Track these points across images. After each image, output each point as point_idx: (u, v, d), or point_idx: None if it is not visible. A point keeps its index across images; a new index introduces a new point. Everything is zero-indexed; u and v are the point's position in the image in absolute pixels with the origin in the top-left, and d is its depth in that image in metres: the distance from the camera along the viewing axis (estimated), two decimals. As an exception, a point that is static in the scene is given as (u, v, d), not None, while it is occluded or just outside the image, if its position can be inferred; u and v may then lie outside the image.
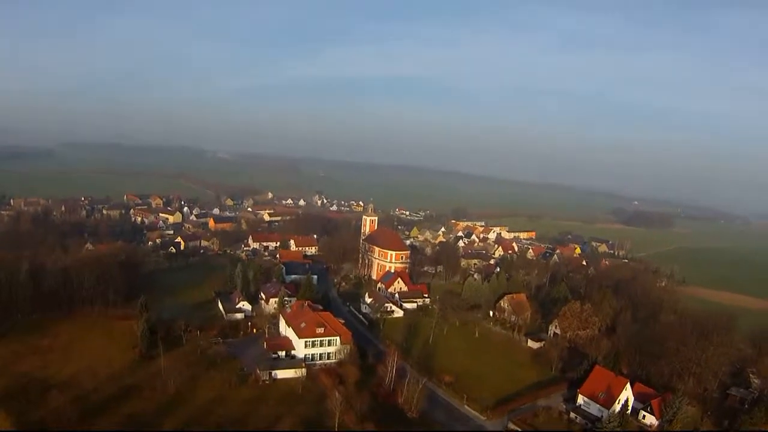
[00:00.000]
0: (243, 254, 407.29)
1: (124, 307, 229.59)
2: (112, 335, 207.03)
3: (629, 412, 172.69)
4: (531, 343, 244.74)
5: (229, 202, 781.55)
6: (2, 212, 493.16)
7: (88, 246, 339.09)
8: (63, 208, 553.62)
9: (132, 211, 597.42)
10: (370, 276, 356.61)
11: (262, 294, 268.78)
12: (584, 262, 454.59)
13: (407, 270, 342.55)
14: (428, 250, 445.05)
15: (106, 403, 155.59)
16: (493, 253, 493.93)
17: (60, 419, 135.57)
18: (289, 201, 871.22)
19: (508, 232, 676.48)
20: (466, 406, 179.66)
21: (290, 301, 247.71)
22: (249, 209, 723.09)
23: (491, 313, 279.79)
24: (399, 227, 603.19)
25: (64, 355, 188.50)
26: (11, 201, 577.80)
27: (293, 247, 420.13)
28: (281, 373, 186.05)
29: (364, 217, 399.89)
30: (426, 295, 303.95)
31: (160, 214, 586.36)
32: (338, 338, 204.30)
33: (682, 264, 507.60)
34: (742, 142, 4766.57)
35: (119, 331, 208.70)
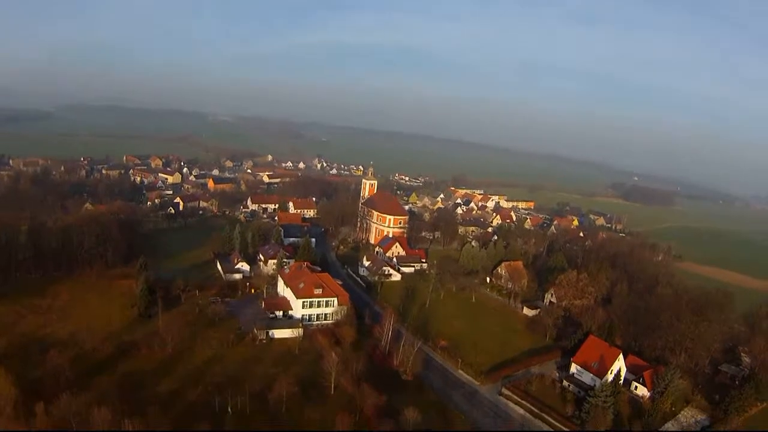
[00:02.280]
0: (241, 216, 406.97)
1: (123, 268, 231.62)
2: (111, 295, 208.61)
3: (621, 382, 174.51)
4: (526, 311, 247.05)
5: (229, 163, 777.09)
6: (1, 173, 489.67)
7: (88, 206, 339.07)
8: (62, 169, 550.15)
9: (131, 171, 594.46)
10: (368, 240, 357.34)
11: (260, 255, 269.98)
12: (581, 234, 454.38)
13: (405, 235, 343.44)
14: (426, 216, 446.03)
15: (105, 361, 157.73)
16: (491, 222, 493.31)
17: (58, 378, 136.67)
18: (289, 164, 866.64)
19: (506, 201, 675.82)
20: (460, 371, 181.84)
21: (289, 262, 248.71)
22: (248, 171, 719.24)
23: (488, 279, 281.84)
24: (398, 192, 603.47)
25: (64, 314, 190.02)
26: (10, 161, 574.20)
27: (292, 210, 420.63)
28: (278, 333, 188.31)
29: (363, 180, 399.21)
30: (424, 260, 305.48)
31: (160, 174, 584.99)
32: (336, 299, 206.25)
33: (679, 241, 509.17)
34: (746, 125, 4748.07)
35: (118, 291, 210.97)
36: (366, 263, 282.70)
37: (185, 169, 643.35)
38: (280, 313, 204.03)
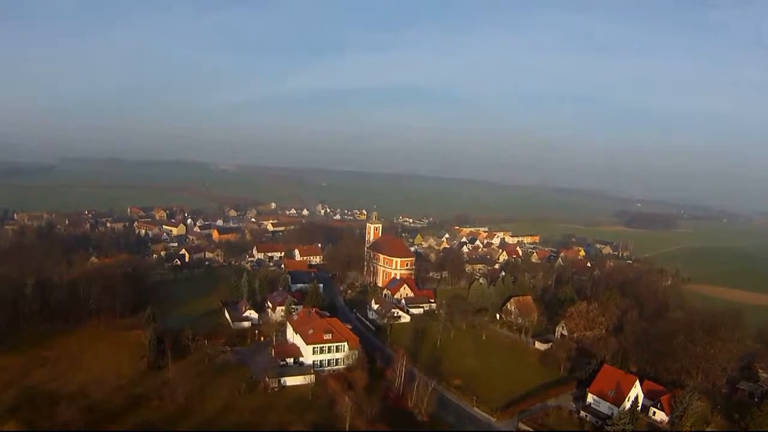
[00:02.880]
0: (248, 265, 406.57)
1: (131, 318, 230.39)
2: (120, 346, 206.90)
3: (639, 408, 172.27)
4: (538, 345, 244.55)
5: (233, 213, 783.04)
6: (6, 227, 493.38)
7: (93, 259, 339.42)
8: (67, 222, 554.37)
9: (136, 223, 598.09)
10: (375, 283, 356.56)
11: (268, 303, 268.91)
12: (589, 264, 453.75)
13: (412, 276, 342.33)
14: (433, 257, 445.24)
15: (115, 413, 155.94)
16: (498, 258, 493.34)
17: (69, 430, 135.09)
18: (293, 211, 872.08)
19: (511, 236, 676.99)
20: (476, 408, 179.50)
21: (297, 309, 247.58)
22: (253, 220, 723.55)
23: (498, 316, 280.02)
24: (403, 234, 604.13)
25: (73, 366, 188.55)
26: (15, 215, 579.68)
27: (298, 257, 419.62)
28: (290, 380, 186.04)
29: (368, 224, 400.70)
30: (432, 300, 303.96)
31: (164, 227, 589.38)
32: (346, 344, 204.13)
33: (686, 263, 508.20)
34: (744, 142, 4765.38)
35: (127, 342, 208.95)
36: (374, 306, 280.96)
37: (189, 220, 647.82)
38: (290, 360, 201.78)
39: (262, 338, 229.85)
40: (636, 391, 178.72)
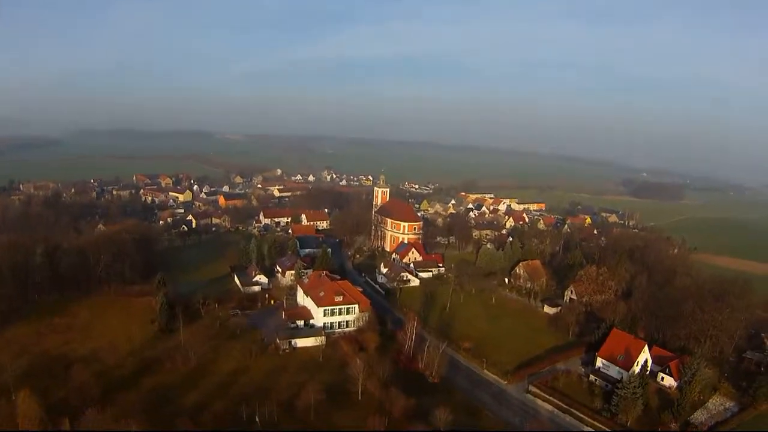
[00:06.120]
0: (255, 230, 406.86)
1: (141, 285, 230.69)
2: (131, 312, 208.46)
3: (648, 373, 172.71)
4: (547, 309, 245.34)
5: (239, 179, 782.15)
6: (12, 197, 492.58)
7: (101, 226, 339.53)
8: (72, 191, 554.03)
9: (142, 191, 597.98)
10: (383, 248, 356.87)
11: (277, 267, 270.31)
12: (595, 231, 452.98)
13: (420, 241, 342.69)
14: (440, 221, 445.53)
15: (129, 377, 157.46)
16: (505, 224, 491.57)
17: (83, 395, 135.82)
18: (299, 177, 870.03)
19: (518, 203, 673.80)
20: (486, 371, 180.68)
21: (307, 272, 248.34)
22: (258, 186, 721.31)
23: (507, 280, 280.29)
24: (410, 200, 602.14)
25: (85, 332, 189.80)
26: (21, 186, 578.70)
27: (305, 222, 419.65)
28: (301, 342, 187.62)
29: (375, 188, 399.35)
30: (441, 265, 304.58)
31: (171, 193, 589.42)
32: (357, 306, 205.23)
33: (692, 233, 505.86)
34: (754, 114, 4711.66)
35: (137, 308, 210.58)
36: (383, 270, 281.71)
37: (195, 187, 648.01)
38: (301, 323, 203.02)
39: (272, 302, 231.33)
40: (645, 356, 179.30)
